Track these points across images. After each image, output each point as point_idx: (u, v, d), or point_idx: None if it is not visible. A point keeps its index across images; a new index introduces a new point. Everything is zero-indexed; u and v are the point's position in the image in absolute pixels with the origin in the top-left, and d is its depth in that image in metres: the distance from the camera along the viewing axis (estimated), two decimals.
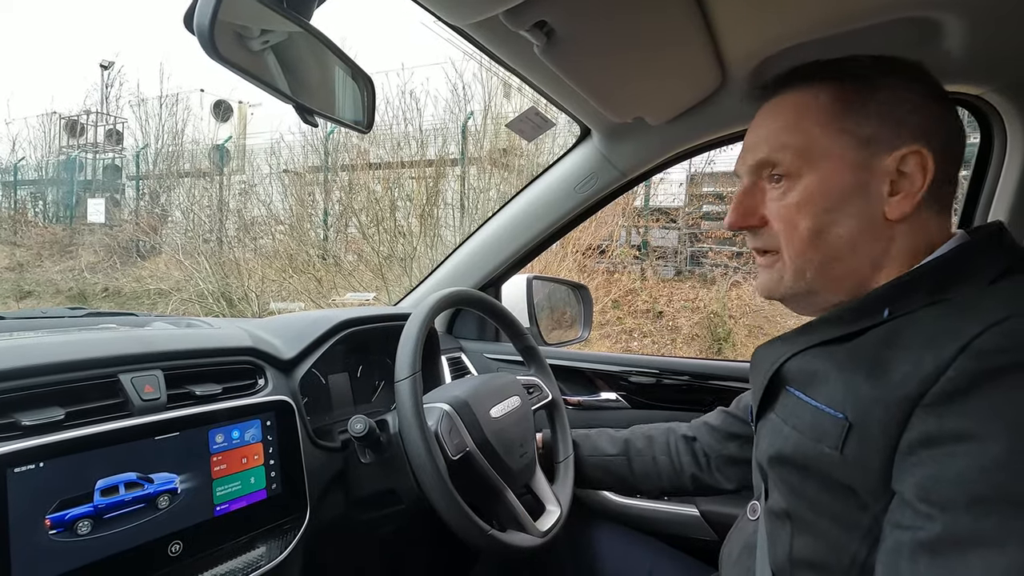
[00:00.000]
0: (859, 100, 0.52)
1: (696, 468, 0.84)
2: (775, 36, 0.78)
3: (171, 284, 7.04)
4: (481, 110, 6.59)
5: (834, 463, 0.47)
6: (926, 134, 0.51)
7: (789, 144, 0.54)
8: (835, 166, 0.52)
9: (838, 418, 0.47)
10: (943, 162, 0.51)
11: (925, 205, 0.51)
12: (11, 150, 10.79)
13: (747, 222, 0.57)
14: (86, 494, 0.54)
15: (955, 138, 0.52)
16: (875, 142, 0.51)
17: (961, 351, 0.41)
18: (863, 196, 0.51)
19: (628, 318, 5.86)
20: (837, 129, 0.52)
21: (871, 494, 0.45)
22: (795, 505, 0.53)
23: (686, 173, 6.45)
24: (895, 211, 0.50)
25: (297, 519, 0.72)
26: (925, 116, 0.51)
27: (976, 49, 0.76)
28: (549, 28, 0.63)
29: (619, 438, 0.92)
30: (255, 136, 8.75)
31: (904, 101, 0.52)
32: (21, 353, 0.57)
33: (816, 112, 0.53)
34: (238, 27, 0.53)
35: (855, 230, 0.51)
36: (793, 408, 0.54)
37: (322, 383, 0.94)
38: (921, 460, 0.41)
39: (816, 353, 0.53)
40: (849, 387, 0.47)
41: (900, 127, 0.51)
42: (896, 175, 0.51)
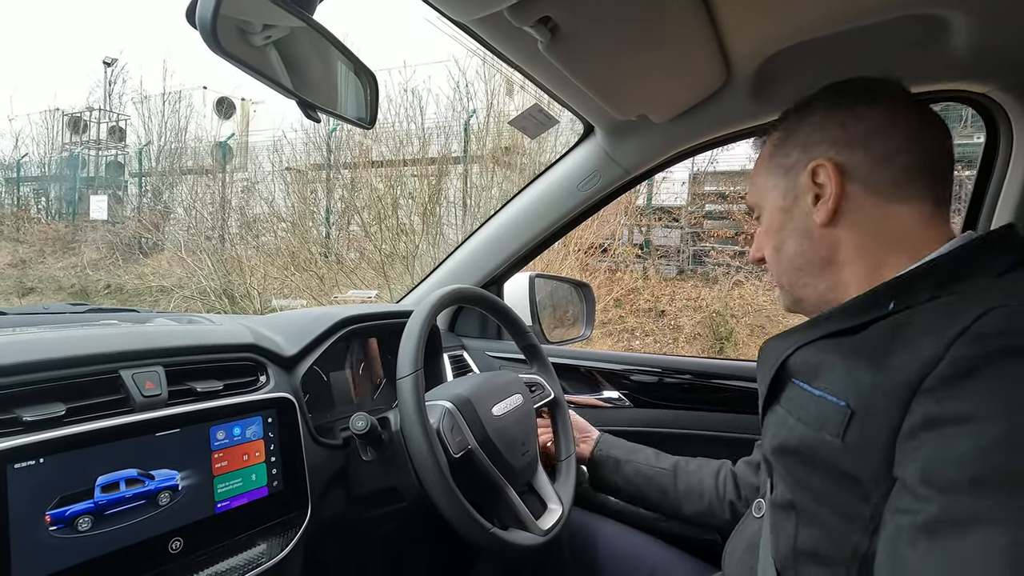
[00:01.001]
0: (784, 141, 0.62)
1: (735, 496, 0.86)
2: (779, 34, 0.77)
3: (173, 281, 7.05)
4: (484, 108, 6.59)
5: (836, 451, 0.48)
6: (840, 143, 0.57)
7: (752, 189, 0.67)
8: (773, 196, 0.62)
9: (840, 405, 0.48)
10: (861, 159, 0.55)
11: (861, 203, 0.56)
12: (14, 147, 10.82)
13: (755, 256, 0.68)
14: (87, 490, 0.54)
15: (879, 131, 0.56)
16: (795, 166, 0.60)
17: (960, 335, 0.41)
18: (795, 212, 0.60)
19: (630, 317, 5.86)
20: (770, 168, 0.63)
21: (873, 481, 0.45)
22: (799, 496, 0.54)
23: (689, 172, 6.44)
24: (821, 216, 0.57)
25: (298, 516, 0.72)
26: (842, 127, 0.57)
27: (982, 46, 0.75)
28: (553, 24, 0.63)
29: (670, 456, 0.95)
30: (258, 133, 8.75)
31: (819, 122, 0.59)
32: (22, 349, 0.57)
33: (761, 162, 0.66)
34: (240, 22, 0.53)
35: (799, 242, 0.60)
36: (798, 399, 0.55)
37: (324, 380, 0.94)
38: (922, 444, 0.42)
39: (821, 345, 0.55)
40: (852, 375, 0.49)
41: (811, 148, 0.59)
42: (814, 187, 0.58)
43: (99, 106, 11.56)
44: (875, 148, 0.55)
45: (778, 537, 0.57)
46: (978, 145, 0.99)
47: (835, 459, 0.48)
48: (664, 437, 1.15)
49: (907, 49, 0.80)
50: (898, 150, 0.55)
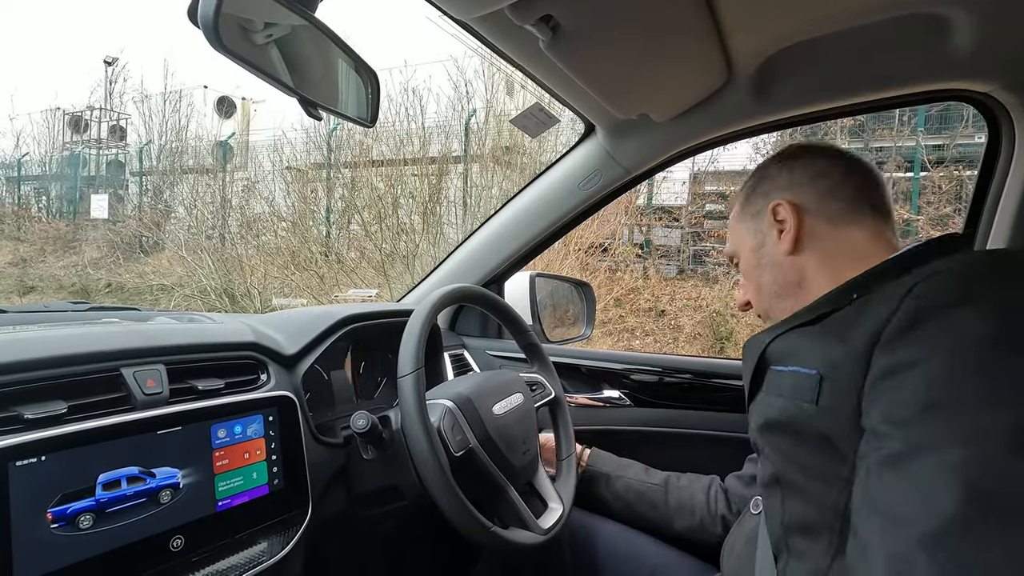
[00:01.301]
0: (749, 196, 0.74)
1: (727, 510, 0.88)
2: (781, 33, 0.77)
3: (174, 280, 7.05)
4: (484, 107, 6.59)
5: (812, 415, 0.54)
6: (791, 187, 0.68)
7: (729, 241, 0.77)
8: (744, 240, 0.73)
9: (812, 374, 0.54)
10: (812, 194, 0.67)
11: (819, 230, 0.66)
12: (15, 146, 10.84)
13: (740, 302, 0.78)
14: (88, 488, 0.54)
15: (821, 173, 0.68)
16: (759, 212, 0.71)
17: (905, 295, 0.48)
18: (765, 248, 0.70)
19: (630, 317, 5.86)
20: (741, 219, 0.74)
21: (846, 438, 0.50)
22: (783, 468, 0.58)
23: (689, 171, 6.44)
24: (785, 246, 0.67)
25: (299, 515, 0.72)
26: (790, 175, 0.69)
27: (984, 45, 0.75)
28: (555, 23, 0.63)
29: (661, 472, 0.97)
30: (258, 132, 8.75)
31: (772, 175, 0.71)
32: (24, 346, 0.57)
33: (733, 218, 0.77)
34: (242, 20, 0.53)
35: (772, 273, 0.69)
36: (776, 381, 0.61)
37: (324, 379, 0.94)
38: (881, 392, 0.47)
39: (794, 334, 0.62)
40: (821, 349, 0.55)
41: (771, 193, 0.70)
42: (777, 224, 0.68)
43: (100, 105, 11.56)
44: (819, 186, 0.67)
45: (770, 518, 0.61)
46: (979, 145, 0.99)
47: (811, 423, 0.54)
48: (664, 436, 1.15)
49: (908, 48, 0.79)
50: (839, 185, 0.67)
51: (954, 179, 5.31)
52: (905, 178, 5.60)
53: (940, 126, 5.71)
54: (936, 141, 5.65)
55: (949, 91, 0.89)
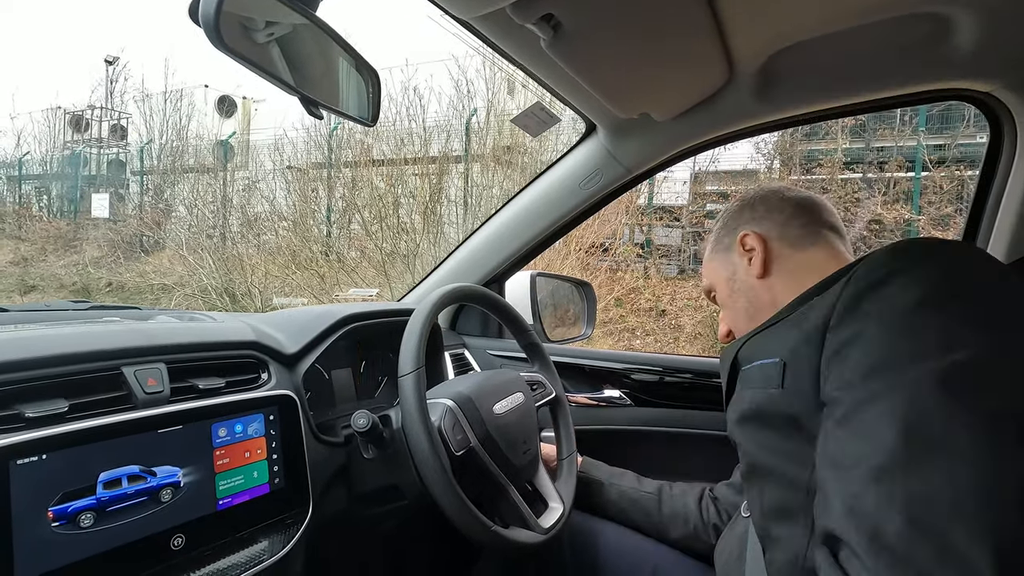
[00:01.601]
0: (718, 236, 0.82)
1: (718, 519, 0.89)
2: (782, 32, 0.77)
3: (174, 279, 7.05)
4: (485, 107, 6.58)
5: (779, 399, 0.58)
6: (754, 221, 0.77)
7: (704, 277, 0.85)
8: (718, 272, 0.81)
9: (776, 362, 0.60)
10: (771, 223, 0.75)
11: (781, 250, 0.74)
12: (16, 145, 10.84)
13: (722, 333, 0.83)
14: (89, 487, 0.54)
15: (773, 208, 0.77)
16: (730, 245, 0.79)
17: (847, 282, 0.54)
18: (737, 276, 0.77)
19: (631, 316, 5.86)
20: (714, 255, 0.82)
21: (809, 415, 0.54)
22: (757, 456, 0.62)
23: (690, 171, 6.44)
24: (756, 270, 0.74)
25: (300, 514, 0.72)
26: (752, 211, 0.78)
27: (986, 44, 0.75)
28: (556, 22, 0.63)
29: (654, 482, 0.98)
30: (259, 132, 8.75)
31: (737, 214, 0.80)
32: (24, 345, 0.57)
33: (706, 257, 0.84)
34: (243, 19, 0.53)
35: (746, 297, 0.76)
36: (746, 378, 0.66)
37: (325, 378, 0.94)
38: (833, 367, 0.52)
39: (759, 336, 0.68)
40: (782, 340, 0.60)
41: (738, 227, 0.78)
42: (746, 253, 0.76)
43: (101, 104, 11.57)
44: (776, 217, 0.76)
45: (753, 510, 0.64)
46: (980, 145, 0.99)
47: (780, 406, 0.58)
48: (665, 436, 1.15)
49: (910, 48, 0.79)
50: (793, 215, 0.75)
51: (955, 179, 5.30)
52: (906, 178, 5.59)
53: (941, 126, 5.71)
54: (937, 141, 5.64)
55: (951, 91, 0.89)
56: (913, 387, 0.45)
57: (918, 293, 0.48)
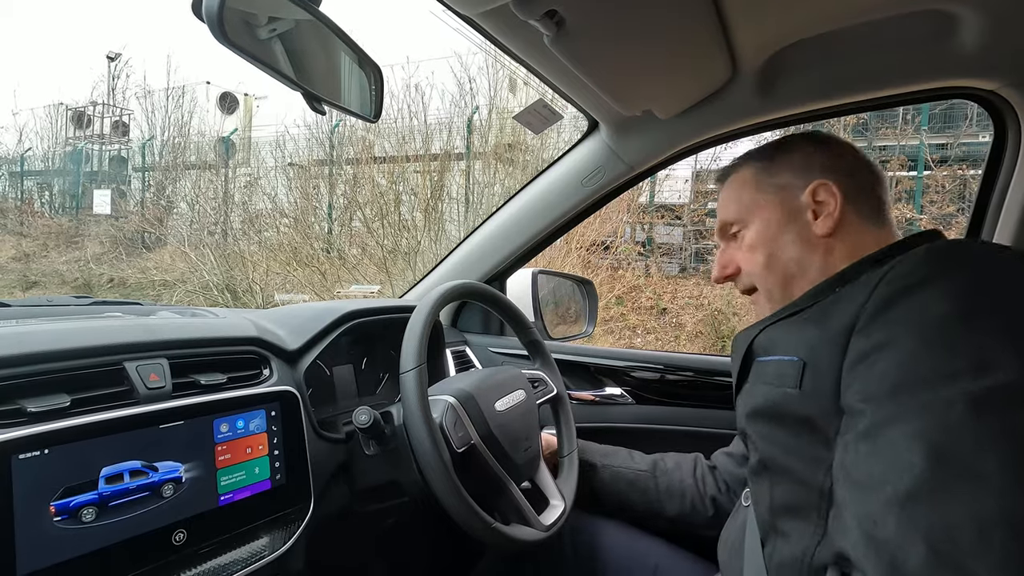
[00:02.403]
0: (773, 165, 0.71)
1: (716, 491, 0.89)
2: (786, 29, 0.77)
3: (176, 276, 7.06)
4: (487, 105, 6.57)
5: (795, 399, 0.56)
6: (830, 170, 0.67)
7: (733, 208, 0.73)
8: (767, 210, 0.69)
9: (795, 361, 0.57)
10: (852, 187, 0.66)
11: (850, 217, 0.66)
12: (18, 141, 10.85)
13: (725, 272, 0.74)
14: (91, 481, 0.54)
15: (859, 168, 0.68)
16: (791, 185, 0.68)
17: (878, 283, 0.51)
18: (795, 225, 0.67)
19: (632, 315, 5.85)
20: (762, 187, 0.71)
21: (826, 419, 0.53)
22: (769, 453, 0.60)
23: (692, 169, 6.42)
24: (822, 228, 0.65)
25: (301, 510, 0.72)
26: (826, 159, 0.68)
27: (990, 42, 0.75)
28: (560, 18, 0.62)
29: (647, 457, 0.96)
30: (260, 129, 8.76)
31: (807, 154, 0.69)
32: (27, 340, 0.57)
33: (747, 183, 0.72)
34: (246, 15, 0.53)
35: (798, 251, 0.67)
36: (761, 371, 0.64)
37: (327, 374, 0.94)
38: (857, 374, 0.50)
39: (777, 326, 0.65)
40: (802, 337, 0.58)
41: (807, 170, 0.68)
42: (814, 204, 0.66)
43: (103, 101, 11.56)
44: (857, 179, 0.67)
45: (758, 503, 0.63)
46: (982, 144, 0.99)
47: (795, 407, 0.56)
48: (666, 434, 1.15)
49: (914, 45, 0.79)
50: (872, 185, 0.67)
51: (957, 178, 5.29)
52: (908, 177, 5.58)
53: (944, 125, 5.69)
54: (940, 140, 5.62)
55: (954, 89, 0.88)
56: (944, 409, 0.42)
57: (955, 304, 0.45)
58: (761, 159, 0.72)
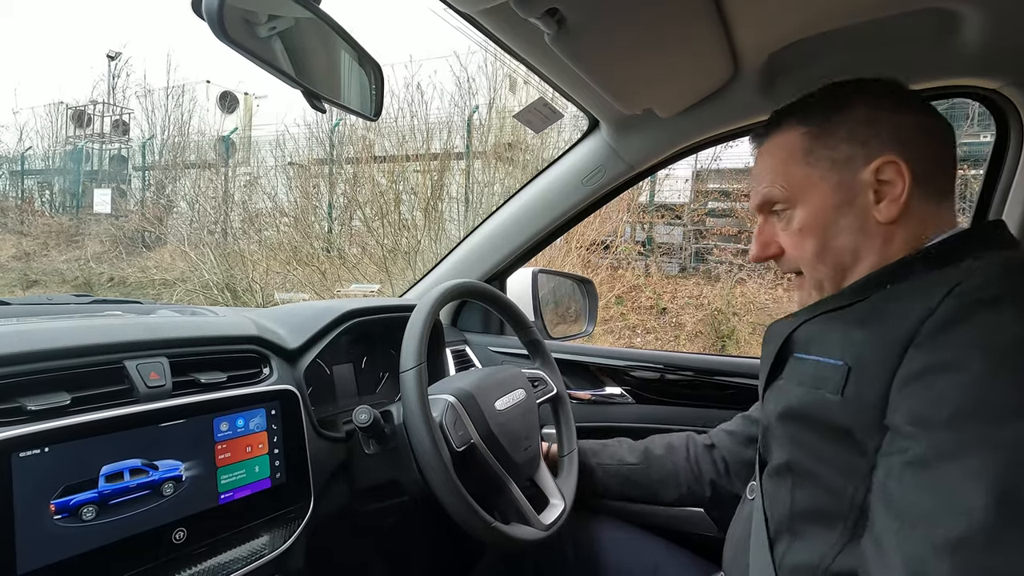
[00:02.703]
0: (827, 131, 0.60)
1: (714, 474, 0.86)
2: (788, 27, 0.77)
3: (176, 275, 7.06)
4: (487, 104, 6.57)
5: (834, 407, 0.52)
6: (898, 142, 0.57)
7: (779, 183, 0.62)
8: (820, 191, 0.60)
9: (838, 365, 0.52)
10: (922, 162, 0.56)
11: (916, 201, 0.57)
12: (18, 139, 10.84)
13: (767, 252, 0.66)
14: (91, 480, 0.54)
15: (933, 135, 0.58)
16: (850, 161, 0.58)
17: (946, 295, 0.46)
18: (852, 209, 0.58)
19: (631, 314, 5.85)
20: (814, 160, 0.60)
21: (866, 431, 0.49)
22: (797, 456, 0.57)
23: (692, 169, 6.42)
24: (885, 215, 0.57)
25: (301, 509, 0.72)
26: (895, 126, 0.57)
27: (993, 42, 0.75)
28: (560, 16, 0.62)
29: (638, 447, 0.94)
30: (260, 128, 8.76)
31: (870, 120, 0.58)
32: (26, 338, 0.57)
33: (794, 150, 0.62)
34: (247, 12, 0.53)
35: (854, 239, 0.59)
36: (798, 369, 0.59)
37: (327, 373, 0.94)
38: (911, 392, 0.46)
39: (823, 319, 0.59)
40: (849, 338, 0.53)
41: (870, 142, 0.57)
42: (877, 184, 0.57)
43: (103, 99, 11.55)
44: (928, 150, 0.57)
45: (773, 504, 0.60)
46: (983, 144, 0.99)
47: (833, 415, 0.52)
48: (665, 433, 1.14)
49: (917, 44, 0.79)
50: (941, 152, 0.58)
51: (959, 178, 5.27)
52: None
53: None
54: None
55: (957, 87, 0.88)
56: (1012, 448, 0.39)
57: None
58: (812, 120, 0.61)
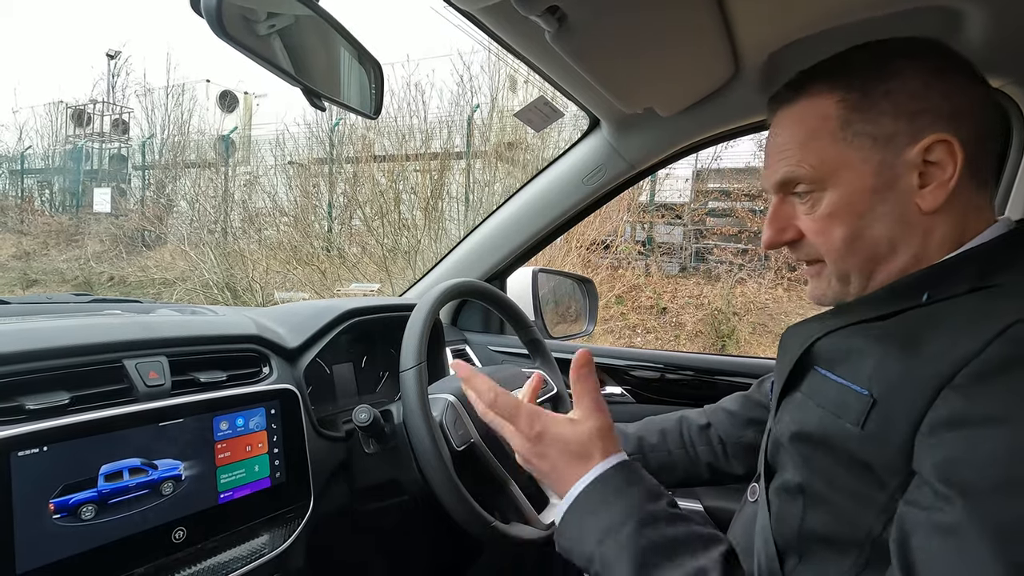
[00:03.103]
0: (868, 100, 0.51)
1: (712, 456, 0.83)
2: (790, 26, 0.77)
3: (176, 274, 7.06)
4: (487, 103, 6.57)
5: (853, 439, 0.47)
6: (951, 117, 0.49)
7: (807, 160, 0.53)
8: (857, 172, 0.51)
9: (863, 395, 0.47)
10: (975, 142, 0.49)
11: (963, 188, 0.49)
12: (18, 139, 10.85)
13: (783, 238, 0.57)
14: (90, 479, 0.54)
15: (987, 113, 0.51)
16: (894, 138, 0.50)
17: (998, 336, 0.40)
18: (892, 194, 0.50)
19: (632, 314, 5.85)
20: (851, 135, 0.52)
21: (888, 471, 0.45)
22: (809, 479, 0.52)
23: (692, 169, 6.42)
24: (929, 202, 0.49)
25: (301, 508, 0.72)
26: (947, 98, 0.49)
27: (997, 40, 0.74)
28: (561, 14, 0.62)
29: (632, 436, 0.91)
30: (260, 127, 8.76)
31: (919, 89, 0.49)
32: (26, 337, 0.56)
33: (827, 122, 0.53)
34: (245, 10, 0.52)
35: (891, 229, 0.51)
36: (819, 386, 0.53)
37: (326, 373, 0.94)
38: (943, 441, 0.40)
39: (850, 332, 0.52)
40: (879, 364, 0.47)
41: (919, 116, 0.49)
42: (923, 166, 0.49)
43: (103, 99, 11.56)
44: (981, 128, 0.49)
45: (781, 521, 0.56)
46: None
47: (852, 447, 0.48)
48: None
49: None
50: (991, 132, 0.51)
51: None
52: None
53: None
54: None
55: None
56: None
57: None
58: (850, 86, 0.52)
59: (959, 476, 0.39)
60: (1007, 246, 0.49)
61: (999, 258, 0.48)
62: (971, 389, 0.40)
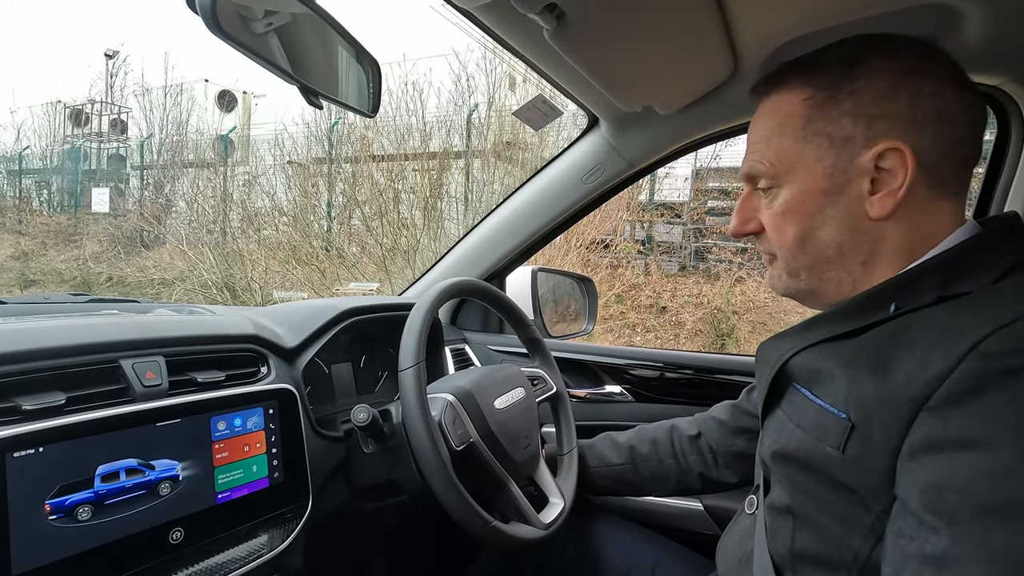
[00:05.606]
0: (833, 100, 0.51)
1: (703, 466, 0.85)
2: (789, 23, 0.76)
3: (175, 274, 7.05)
4: (486, 102, 6.56)
5: (835, 462, 0.47)
6: (911, 123, 0.48)
7: (767, 156, 0.54)
8: (810, 172, 0.52)
9: (841, 418, 0.47)
10: (937, 150, 0.48)
11: (919, 196, 0.49)
12: (16, 139, 10.82)
13: (745, 228, 0.59)
14: (87, 480, 0.54)
15: (961, 119, 0.49)
16: (851, 141, 0.50)
17: (968, 352, 0.39)
18: (842, 198, 0.51)
19: (631, 313, 5.85)
20: (810, 134, 0.52)
21: (872, 494, 0.45)
22: (797, 501, 0.53)
23: (691, 167, 6.42)
24: (877, 210, 0.49)
25: (299, 508, 0.72)
26: (914, 102, 0.48)
27: (996, 38, 0.74)
28: (560, 11, 0.62)
29: (623, 445, 0.92)
30: (259, 127, 8.74)
31: (885, 91, 0.49)
32: (22, 337, 0.56)
33: (792, 119, 0.53)
34: (241, 8, 0.52)
35: (840, 233, 0.51)
36: (799, 406, 0.53)
37: (325, 372, 0.94)
38: (923, 465, 0.40)
39: (821, 349, 0.52)
40: (853, 385, 0.47)
41: (877, 121, 0.49)
42: (875, 172, 0.49)
43: (101, 98, 11.53)
44: (944, 135, 0.48)
45: (775, 539, 0.56)
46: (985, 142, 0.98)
47: (833, 469, 0.47)
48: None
49: None
50: (962, 140, 0.49)
51: None
52: None
53: None
54: None
55: None
56: None
57: None
58: (820, 84, 0.51)
59: (943, 502, 0.38)
60: (969, 251, 0.48)
61: (962, 264, 0.47)
62: (947, 411, 0.39)
